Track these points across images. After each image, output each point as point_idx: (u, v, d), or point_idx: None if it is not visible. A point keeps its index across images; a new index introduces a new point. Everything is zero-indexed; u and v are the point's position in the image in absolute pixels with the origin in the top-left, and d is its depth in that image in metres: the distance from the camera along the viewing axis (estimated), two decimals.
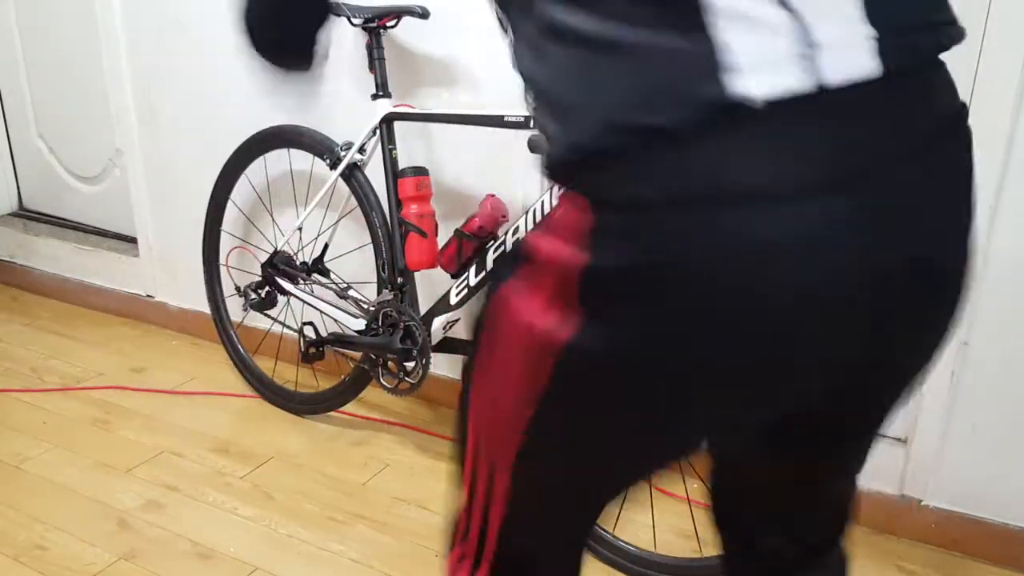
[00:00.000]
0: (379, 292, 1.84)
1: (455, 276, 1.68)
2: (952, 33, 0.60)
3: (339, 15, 1.74)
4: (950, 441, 1.57)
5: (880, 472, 1.65)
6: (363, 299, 1.85)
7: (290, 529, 1.67)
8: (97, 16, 2.32)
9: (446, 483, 1.83)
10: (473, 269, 1.63)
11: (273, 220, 2.20)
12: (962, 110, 0.64)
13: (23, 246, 2.85)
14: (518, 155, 1.81)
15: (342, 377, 2.04)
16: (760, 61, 0.51)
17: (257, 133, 2.00)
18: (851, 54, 0.53)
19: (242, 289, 2.04)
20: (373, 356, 1.83)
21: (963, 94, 1.24)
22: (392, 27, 1.81)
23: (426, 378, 1.77)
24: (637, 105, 0.53)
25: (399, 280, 1.80)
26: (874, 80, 0.53)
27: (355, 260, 2.08)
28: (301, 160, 2.07)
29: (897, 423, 1.62)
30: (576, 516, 0.74)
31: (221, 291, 2.23)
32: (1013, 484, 1.54)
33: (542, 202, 1.52)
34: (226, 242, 2.22)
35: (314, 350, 1.90)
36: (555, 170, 0.59)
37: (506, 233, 1.58)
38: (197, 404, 2.15)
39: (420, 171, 1.74)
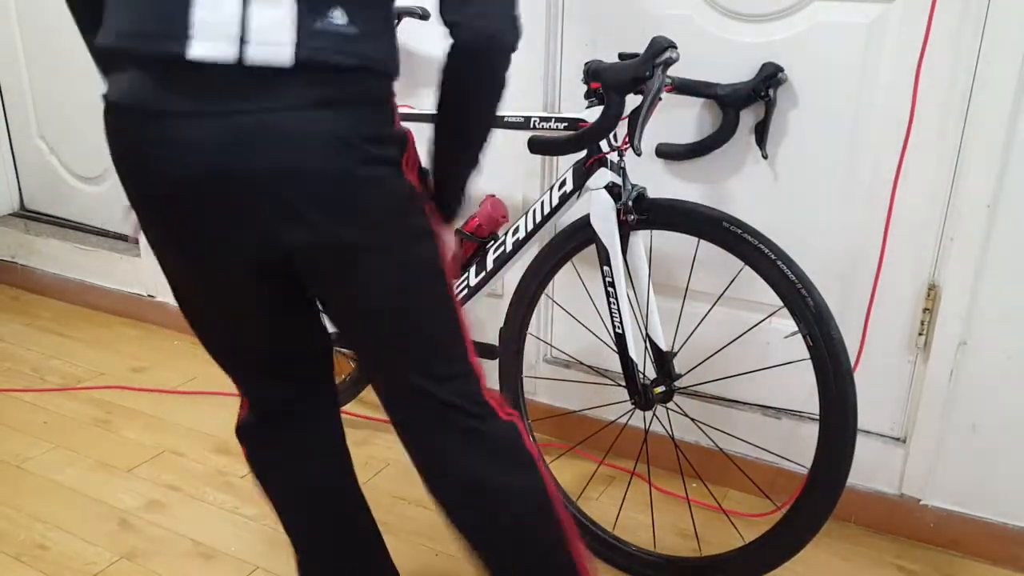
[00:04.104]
0: None
1: (455, 276, 1.68)
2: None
3: None
4: (949, 440, 1.57)
5: (879, 472, 1.65)
6: None
7: None
8: None
9: None
10: (473, 269, 1.64)
11: None
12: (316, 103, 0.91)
13: (24, 246, 2.85)
14: (518, 155, 1.81)
15: (342, 377, 2.04)
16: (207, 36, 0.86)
17: None
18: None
19: None
20: None
21: (963, 92, 1.24)
22: None
23: None
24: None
25: None
26: (286, 67, 0.87)
27: None
28: None
29: (896, 422, 1.63)
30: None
31: None
32: (1012, 484, 1.54)
33: (542, 202, 1.53)
34: None
35: None
36: None
37: (506, 233, 1.59)
38: (198, 404, 2.16)
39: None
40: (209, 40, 0.84)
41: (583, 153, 1.45)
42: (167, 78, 0.87)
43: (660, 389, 1.46)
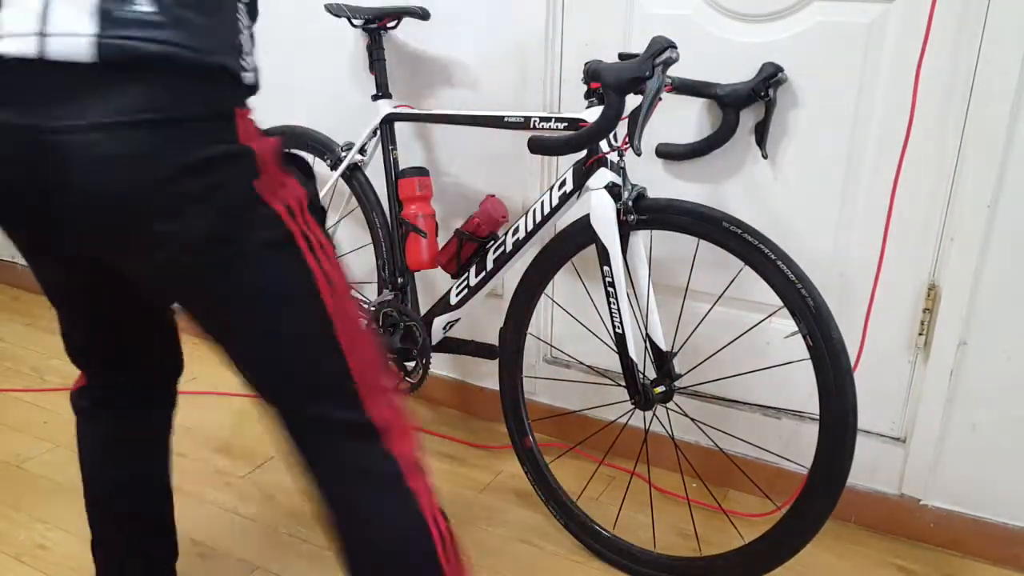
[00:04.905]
0: (379, 292, 1.84)
1: (455, 276, 1.68)
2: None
3: (340, 16, 1.75)
4: (949, 441, 1.57)
5: (879, 472, 1.65)
6: (363, 299, 1.86)
7: (291, 528, 1.67)
8: None
9: (446, 482, 1.84)
10: (473, 269, 1.64)
11: None
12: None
13: None
14: (518, 155, 1.81)
15: None
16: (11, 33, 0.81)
17: None
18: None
19: None
20: None
21: (963, 92, 1.24)
22: (392, 28, 1.82)
23: (426, 378, 1.78)
24: None
25: (399, 280, 1.80)
26: (87, 63, 0.79)
27: (355, 260, 2.08)
28: None
29: (896, 422, 1.63)
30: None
31: None
32: (1012, 484, 1.54)
33: (542, 202, 1.53)
34: None
35: None
36: None
37: (506, 233, 1.59)
38: (198, 404, 2.15)
39: (421, 171, 1.74)
40: (9, 36, 0.80)
41: (583, 153, 1.45)
42: None
43: (660, 389, 1.46)
